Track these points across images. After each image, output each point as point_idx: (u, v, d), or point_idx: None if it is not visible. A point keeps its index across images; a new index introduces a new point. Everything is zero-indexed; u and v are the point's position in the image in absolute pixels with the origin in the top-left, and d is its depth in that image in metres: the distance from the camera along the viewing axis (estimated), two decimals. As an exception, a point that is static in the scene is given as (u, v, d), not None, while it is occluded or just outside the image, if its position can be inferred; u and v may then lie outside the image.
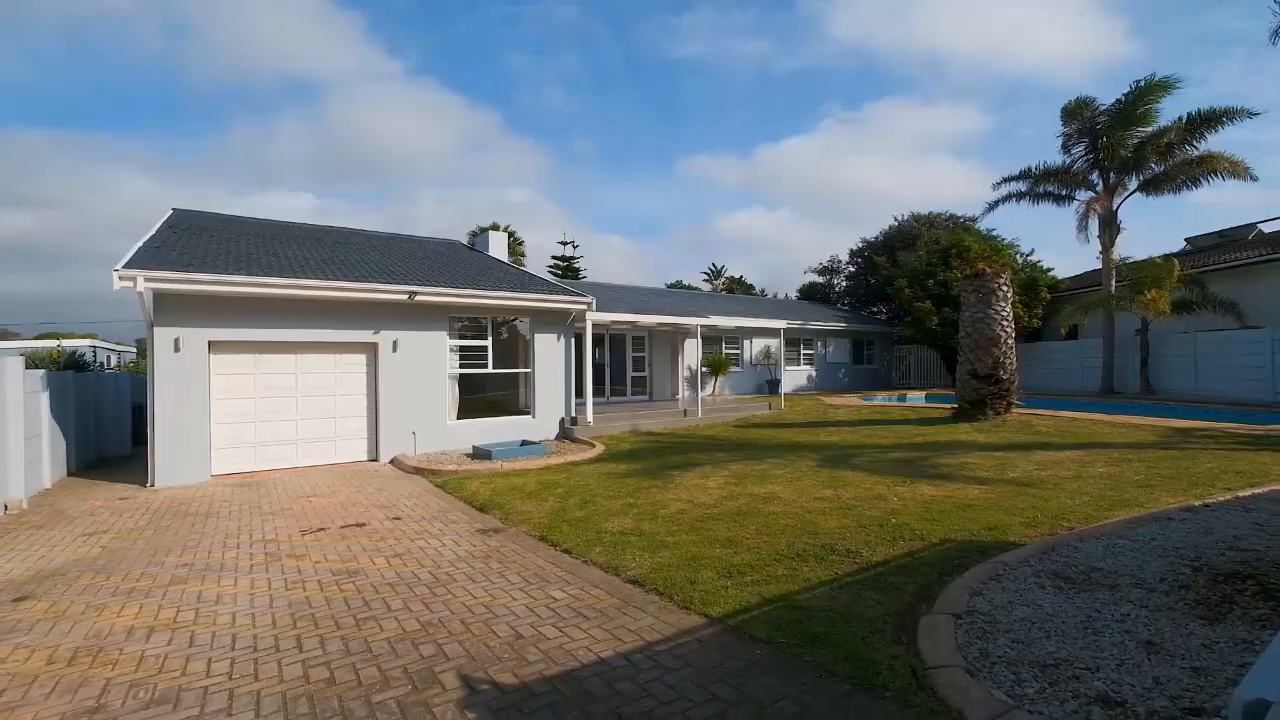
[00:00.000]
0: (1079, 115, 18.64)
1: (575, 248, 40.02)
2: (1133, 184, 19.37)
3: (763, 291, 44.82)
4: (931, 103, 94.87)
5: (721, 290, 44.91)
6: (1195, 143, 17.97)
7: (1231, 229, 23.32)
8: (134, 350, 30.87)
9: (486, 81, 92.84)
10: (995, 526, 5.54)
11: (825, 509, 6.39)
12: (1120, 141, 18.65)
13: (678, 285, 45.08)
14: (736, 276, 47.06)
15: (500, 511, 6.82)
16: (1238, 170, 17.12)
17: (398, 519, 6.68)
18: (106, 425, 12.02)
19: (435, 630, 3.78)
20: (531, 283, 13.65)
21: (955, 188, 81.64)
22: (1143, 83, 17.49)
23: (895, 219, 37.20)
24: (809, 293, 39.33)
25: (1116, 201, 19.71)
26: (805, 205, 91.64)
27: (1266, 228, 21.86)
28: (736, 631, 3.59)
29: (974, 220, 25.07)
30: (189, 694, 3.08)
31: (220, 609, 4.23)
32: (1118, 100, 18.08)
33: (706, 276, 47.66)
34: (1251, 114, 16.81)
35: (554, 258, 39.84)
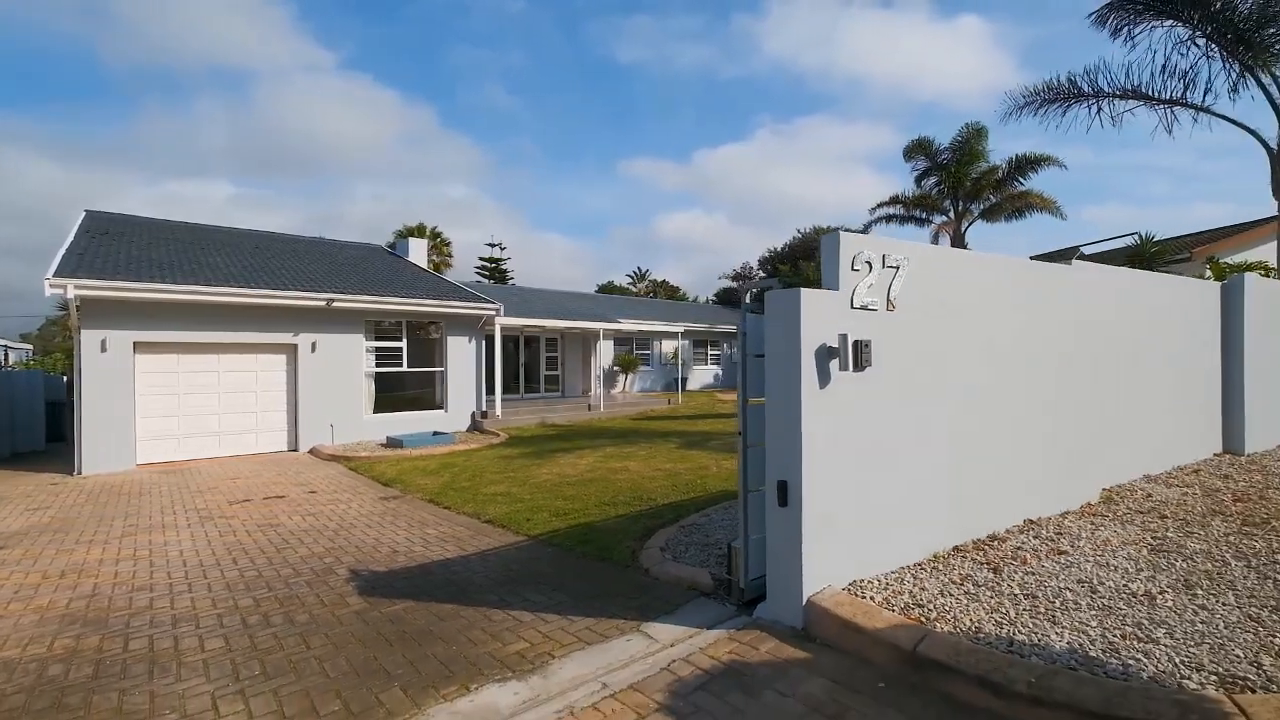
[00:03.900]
0: (919, 154, 21.96)
1: (502, 249, 41.19)
2: (976, 211, 22.96)
3: (684, 295, 47.44)
4: (852, 120, 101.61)
5: (647, 293, 47.18)
6: (1021, 179, 21.63)
7: (1063, 249, 27.79)
8: (29, 348, 29.51)
9: (427, 77, 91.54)
10: (765, 482, 7.69)
11: (656, 475, 8.39)
12: (965, 174, 22.11)
13: (609, 286, 47.03)
14: (660, 280, 49.53)
15: (401, 485, 8.41)
16: (1048, 206, 20.88)
17: (313, 493, 8.14)
18: (20, 422, 12.52)
19: (336, 552, 5.42)
20: (445, 289, 15.10)
21: (874, 199, 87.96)
22: (969, 127, 21.01)
23: (799, 231, 40.73)
24: (724, 297, 42.23)
25: (965, 225, 23.24)
26: (740, 210, 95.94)
27: (1090, 249, 26.32)
28: (541, 542, 5.46)
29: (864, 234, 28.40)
30: (159, 586, 4.61)
31: (169, 549, 5.67)
32: (955, 138, 21.51)
33: (631, 279, 49.83)
34: (1061, 165, 20.59)
35: (481, 259, 40.82)
